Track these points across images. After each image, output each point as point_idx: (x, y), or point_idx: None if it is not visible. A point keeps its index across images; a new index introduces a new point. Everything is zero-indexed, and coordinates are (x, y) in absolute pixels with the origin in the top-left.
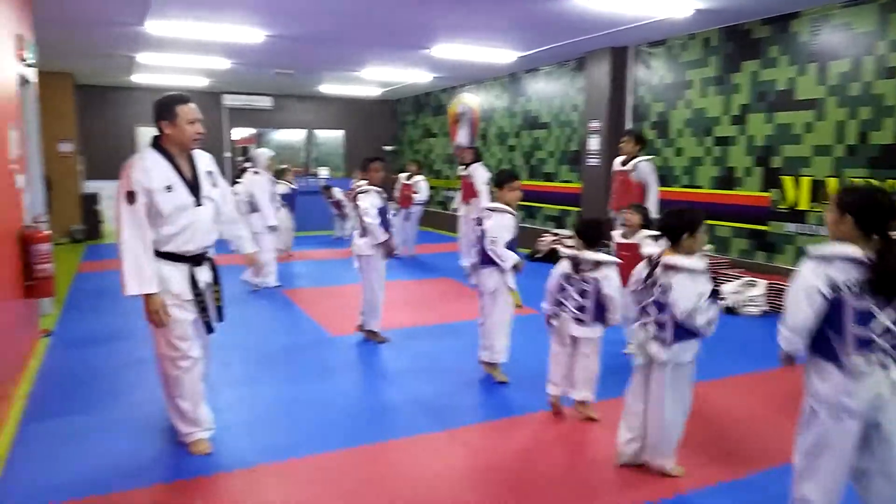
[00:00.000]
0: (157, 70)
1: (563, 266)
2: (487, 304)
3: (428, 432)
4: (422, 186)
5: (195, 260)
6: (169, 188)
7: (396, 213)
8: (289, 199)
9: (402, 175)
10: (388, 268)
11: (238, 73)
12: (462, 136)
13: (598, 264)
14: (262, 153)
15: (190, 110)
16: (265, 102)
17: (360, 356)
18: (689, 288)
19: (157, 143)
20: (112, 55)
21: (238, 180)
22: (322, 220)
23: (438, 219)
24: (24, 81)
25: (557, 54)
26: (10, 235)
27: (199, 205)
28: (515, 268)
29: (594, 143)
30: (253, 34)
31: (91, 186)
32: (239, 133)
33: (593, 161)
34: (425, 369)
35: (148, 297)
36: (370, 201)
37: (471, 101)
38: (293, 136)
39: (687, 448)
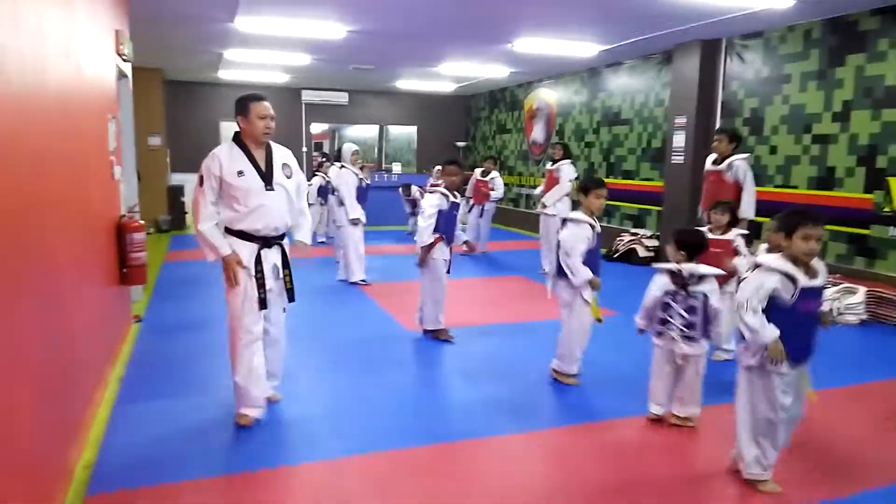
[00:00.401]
0: (241, 66)
1: (664, 281)
2: (563, 314)
3: (506, 433)
4: (498, 183)
5: (264, 241)
6: (241, 173)
7: (469, 209)
8: (322, 193)
9: (477, 171)
10: (460, 265)
11: (317, 69)
12: (538, 132)
13: (702, 277)
14: (348, 148)
15: (261, 107)
16: (341, 98)
17: (434, 352)
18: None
19: (237, 136)
20: (202, 51)
21: (317, 173)
22: (395, 215)
23: (511, 216)
24: (121, 76)
25: (643, 48)
26: (109, 225)
27: (269, 189)
28: (591, 284)
29: (679, 140)
30: (335, 30)
31: (176, 179)
32: (316, 128)
33: (678, 158)
34: (499, 368)
35: (224, 259)
36: (430, 201)
37: (548, 96)
38: (366, 131)
39: (786, 463)
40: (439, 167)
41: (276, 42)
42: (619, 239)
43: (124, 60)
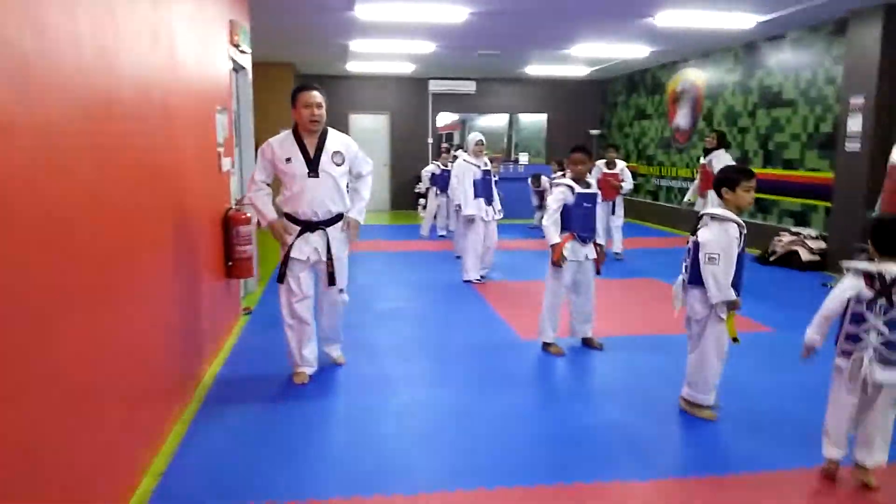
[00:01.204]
0: (367, 58)
1: (855, 286)
2: (694, 332)
3: (628, 480)
4: (627, 174)
5: (307, 224)
6: (288, 160)
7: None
8: (436, 182)
9: (601, 162)
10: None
11: (442, 58)
12: (681, 118)
13: None
14: (472, 138)
15: (306, 97)
16: (469, 87)
17: (550, 366)
18: None
19: (294, 126)
20: (327, 44)
21: (434, 161)
22: (524, 207)
23: (646, 210)
24: (239, 67)
25: (810, 16)
26: (215, 216)
27: (312, 175)
28: (731, 307)
29: (855, 124)
30: (456, 12)
31: None
32: (445, 119)
33: (853, 146)
34: (623, 391)
35: (270, 224)
36: (554, 196)
37: (695, 76)
38: (496, 120)
39: None
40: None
41: (397, 29)
42: (776, 239)
43: (241, 52)
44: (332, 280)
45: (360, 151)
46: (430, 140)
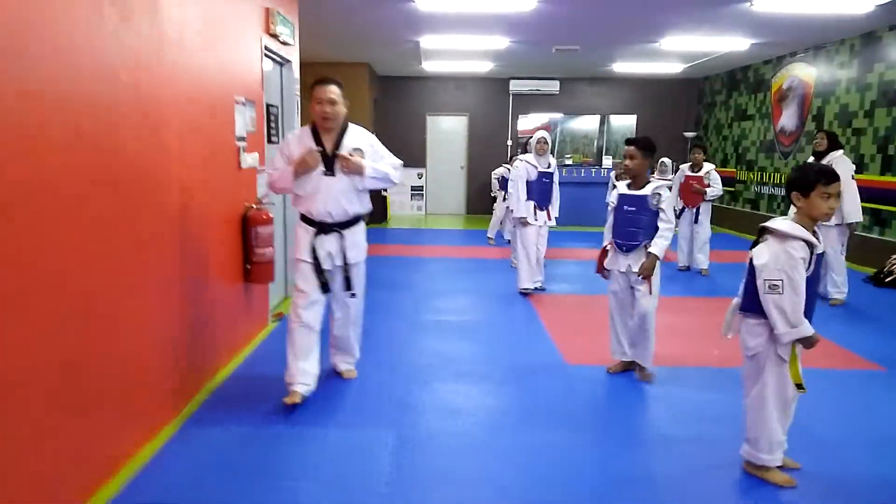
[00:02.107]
0: (442, 56)
1: None
2: (750, 372)
3: None
4: (714, 178)
5: (320, 227)
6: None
7: (679, 214)
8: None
9: (685, 165)
10: (662, 280)
11: (520, 55)
12: (787, 118)
13: None
14: (535, 135)
15: (318, 92)
16: (552, 87)
17: (595, 397)
18: None
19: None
20: (395, 39)
21: (505, 164)
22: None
23: (742, 220)
24: (282, 61)
25: None
26: (231, 216)
27: (328, 174)
28: (808, 343)
29: None
30: (525, 1)
31: None
32: (531, 122)
33: None
34: (681, 432)
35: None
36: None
37: (803, 72)
38: (588, 123)
39: None
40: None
41: (464, 22)
42: (893, 258)
43: (283, 44)
44: (347, 285)
45: (385, 150)
46: (510, 142)
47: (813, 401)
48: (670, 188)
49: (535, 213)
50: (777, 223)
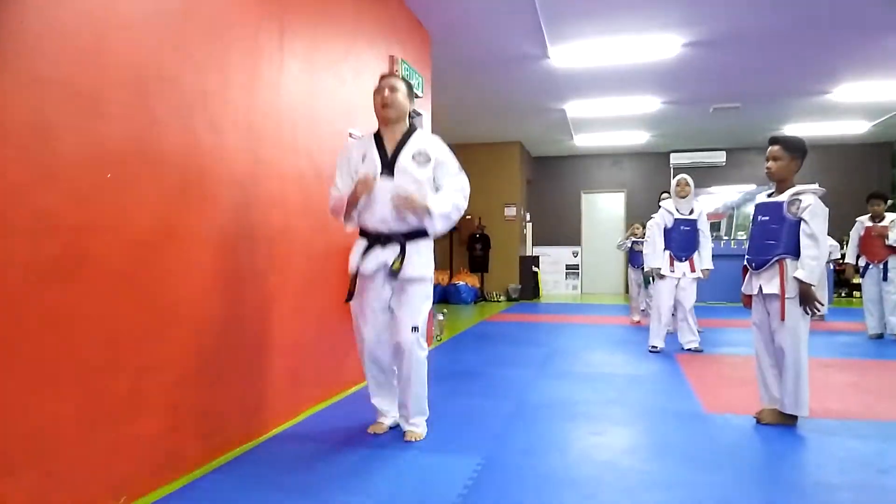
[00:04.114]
0: (594, 127)
1: None
2: None
3: None
4: None
5: (376, 238)
6: (364, 158)
7: (863, 272)
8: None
9: (863, 218)
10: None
11: (675, 119)
12: None
13: None
14: (676, 178)
15: (379, 83)
16: (717, 158)
17: (737, 443)
18: None
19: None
20: (539, 108)
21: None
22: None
23: None
24: (413, 114)
25: None
26: (345, 248)
27: (387, 175)
28: None
29: None
30: (665, 45)
31: (535, 251)
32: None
33: None
34: (843, 479)
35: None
36: None
37: None
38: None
39: None
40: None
41: (605, 79)
42: None
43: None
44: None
45: (454, 165)
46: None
47: None
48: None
49: (672, 264)
50: None
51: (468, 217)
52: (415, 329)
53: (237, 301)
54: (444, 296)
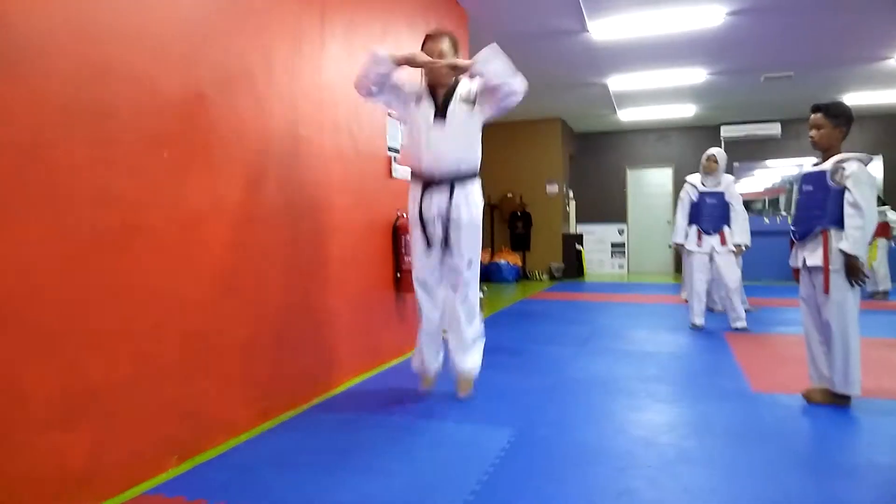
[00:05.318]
0: (638, 100)
1: None
2: None
3: None
4: None
5: (429, 183)
6: (418, 99)
7: None
8: None
9: None
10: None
11: (724, 90)
12: None
13: None
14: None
15: (427, 46)
16: (772, 130)
17: (784, 425)
18: None
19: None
20: (580, 83)
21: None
22: None
23: None
24: None
25: None
26: (384, 226)
27: (439, 120)
28: None
29: None
30: (708, 14)
31: (580, 229)
32: (754, 183)
33: None
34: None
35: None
36: None
37: None
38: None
39: None
40: None
41: (647, 52)
42: None
43: None
44: (447, 242)
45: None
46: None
47: None
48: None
49: (700, 239)
50: None
51: (509, 195)
52: (470, 263)
53: (281, 273)
54: (486, 274)
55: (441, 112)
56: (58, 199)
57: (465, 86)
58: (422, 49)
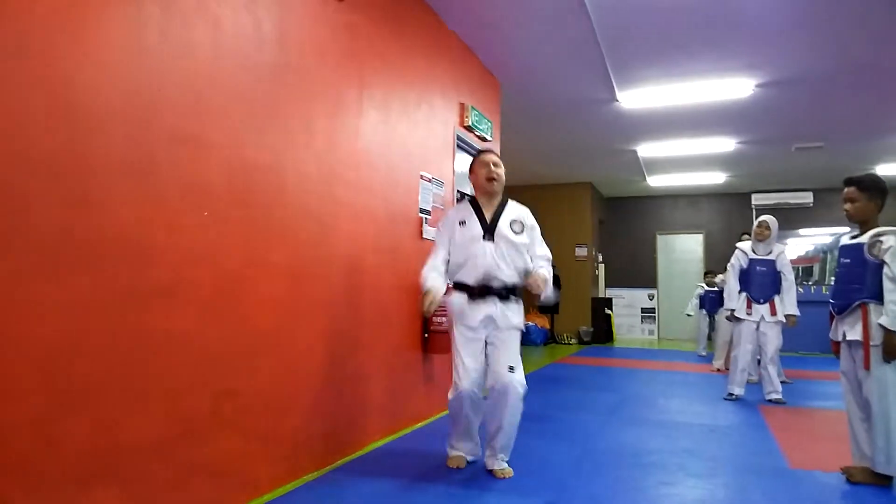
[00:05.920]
0: (668, 167)
1: None
2: None
3: None
4: None
5: (478, 291)
6: (462, 223)
7: None
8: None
9: None
10: None
11: (755, 159)
12: None
13: None
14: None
15: (483, 158)
16: (804, 199)
17: (820, 499)
18: None
19: (473, 196)
20: (610, 150)
21: (698, 284)
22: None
23: None
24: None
25: None
26: (413, 284)
27: (489, 239)
28: None
29: None
30: (737, 87)
31: (608, 293)
32: (787, 252)
33: None
34: None
35: (423, 291)
36: None
37: None
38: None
39: None
40: None
41: (678, 120)
42: None
43: (479, 138)
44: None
45: (539, 234)
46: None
47: None
48: None
49: (750, 307)
50: None
51: None
52: (511, 368)
53: (315, 331)
54: None
55: (490, 230)
56: (104, 256)
57: (515, 211)
58: (476, 162)
